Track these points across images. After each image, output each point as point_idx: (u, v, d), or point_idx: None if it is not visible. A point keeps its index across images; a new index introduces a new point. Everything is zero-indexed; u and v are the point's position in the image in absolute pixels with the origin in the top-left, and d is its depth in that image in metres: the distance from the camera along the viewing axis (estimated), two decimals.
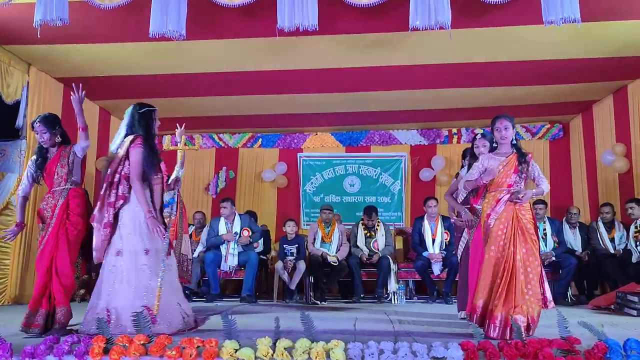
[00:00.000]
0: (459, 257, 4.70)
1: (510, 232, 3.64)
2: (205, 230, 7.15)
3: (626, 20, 5.08)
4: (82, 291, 6.17)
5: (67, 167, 3.84)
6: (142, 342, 2.79)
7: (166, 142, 4.39)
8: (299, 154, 8.94)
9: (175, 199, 5.29)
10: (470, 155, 4.58)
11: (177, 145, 4.26)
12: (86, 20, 4.84)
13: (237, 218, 6.94)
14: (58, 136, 3.91)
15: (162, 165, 3.99)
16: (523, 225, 3.65)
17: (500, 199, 3.70)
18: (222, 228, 6.87)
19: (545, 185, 3.82)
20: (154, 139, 3.95)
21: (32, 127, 3.91)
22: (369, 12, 4.51)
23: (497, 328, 3.47)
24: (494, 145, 3.90)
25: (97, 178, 6.99)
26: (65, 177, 3.83)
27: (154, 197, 3.85)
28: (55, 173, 3.83)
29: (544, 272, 3.76)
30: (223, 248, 6.77)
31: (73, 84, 3.87)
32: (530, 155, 3.85)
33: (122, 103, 7.40)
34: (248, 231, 6.88)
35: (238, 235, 6.79)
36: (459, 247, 4.63)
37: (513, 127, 3.80)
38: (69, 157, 3.87)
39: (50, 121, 3.90)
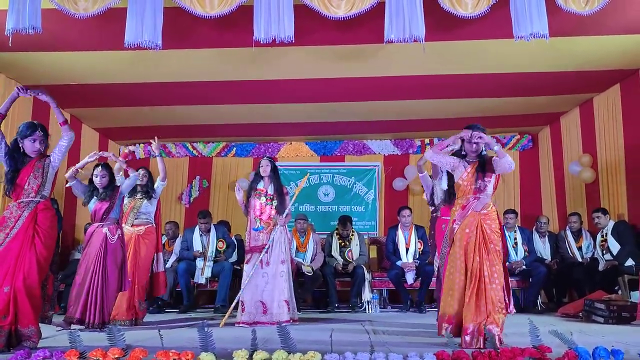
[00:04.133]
0: (437, 268, 4.68)
1: (474, 241, 3.70)
2: (178, 241, 7.07)
3: (592, 35, 5.25)
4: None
5: (41, 179, 3.61)
6: (116, 356, 2.75)
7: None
8: None
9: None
10: None
11: (151, 156, 4.23)
12: (59, 28, 4.76)
13: (212, 229, 6.90)
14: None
15: None
16: (487, 236, 3.70)
17: (466, 206, 3.77)
18: (196, 240, 6.83)
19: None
20: None
21: (26, 135, 3.59)
22: (344, 24, 4.55)
23: (471, 338, 3.52)
24: (463, 153, 3.95)
25: (67, 188, 6.85)
26: (36, 190, 3.58)
27: None
28: (27, 183, 3.57)
29: (509, 281, 3.82)
30: (199, 261, 6.73)
31: (17, 87, 3.61)
32: (491, 159, 3.83)
33: (94, 111, 7.37)
34: (223, 242, 6.85)
35: (213, 255, 6.76)
36: (438, 258, 4.63)
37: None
38: (44, 168, 3.63)
39: (46, 130, 3.65)
